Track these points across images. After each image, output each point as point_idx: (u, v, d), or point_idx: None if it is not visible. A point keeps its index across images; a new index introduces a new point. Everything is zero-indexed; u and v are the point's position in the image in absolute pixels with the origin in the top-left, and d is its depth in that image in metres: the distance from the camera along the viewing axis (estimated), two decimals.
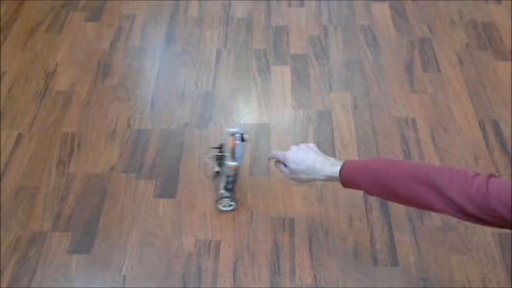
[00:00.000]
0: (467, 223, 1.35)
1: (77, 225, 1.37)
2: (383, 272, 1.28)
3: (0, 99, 1.67)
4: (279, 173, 1.46)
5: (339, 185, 1.38)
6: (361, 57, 1.80)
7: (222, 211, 1.38)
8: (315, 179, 1.17)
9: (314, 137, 1.56)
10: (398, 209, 1.39)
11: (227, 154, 1.31)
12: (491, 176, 0.87)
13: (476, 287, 1.25)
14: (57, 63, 1.79)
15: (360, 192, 1.41)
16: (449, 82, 1.72)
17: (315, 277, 1.27)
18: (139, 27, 1.91)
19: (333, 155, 1.51)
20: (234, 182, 1.35)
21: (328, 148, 1.52)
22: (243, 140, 1.35)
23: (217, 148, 1.38)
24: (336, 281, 1.26)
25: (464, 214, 0.87)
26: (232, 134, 1.33)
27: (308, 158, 1.16)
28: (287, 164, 1.20)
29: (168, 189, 1.44)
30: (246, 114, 1.64)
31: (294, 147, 1.21)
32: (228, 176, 1.33)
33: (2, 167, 1.49)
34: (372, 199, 1.41)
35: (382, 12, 1.96)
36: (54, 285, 1.26)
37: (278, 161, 1.26)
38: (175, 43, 1.86)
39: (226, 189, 1.35)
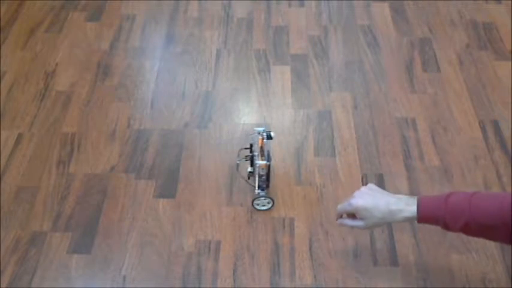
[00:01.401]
0: None
1: (77, 225, 1.37)
2: (383, 272, 1.28)
3: (0, 99, 1.67)
4: (279, 173, 1.47)
5: (338, 185, 1.38)
6: (361, 57, 1.80)
7: (258, 210, 1.38)
8: (392, 222, 1.12)
9: (314, 137, 1.56)
10: None
11: (257, 153, 1.32)
12: None
13: (476, 287, 1.25)
14: (57, 63, 1.79)
15: None
16: (449, 82, 1.72)
17: (315, 277, 1.27)
18: (139, 27, 1.92)
19: (333, 155, 1.51)
20: (267, 181, 1.35)
21: (328, 148, 1.52)
22: (270, 138, 1.35)
23: (247, 149, 1.39)
24: (336, 281, 1.26)
25: None
26: (259, 133, 1.34)
27: (379, 202, 1.08)
28: (359, 215, 1.12)
29: (168, 189, 1.44)
30: (246, 114, 1.64)
31: (357, 193, 1.13)
32: (260, 175, 1.33)
33: (2, 167, 1.49)
34: None
35: (382, 12, 1.96)
36: (54, 285, 1.26)
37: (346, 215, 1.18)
38: (175, 43, 1.86)
39: (260, 188, 1.35)
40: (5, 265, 1.29)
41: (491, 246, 1.32)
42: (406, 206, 1.05)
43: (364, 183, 1.44)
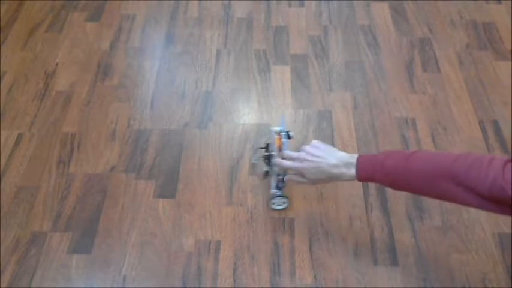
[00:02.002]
0: (467, 223, 1.36)
1: (77, 225, 1.37)
2: (383, 272, 1.28)
3: (0, 99, 1.67)
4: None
5: (338, 185, 1.38)
6: (361, 57, 1.80)
7: (274, 210, 1.39)
8: (338, 181, 1.16)
9: (314, 137, 1.56)
10: (398, 209, 1.39)
11: (275, 153, 1.32)
12: (507, 161, 0.85)
13: (476, 287, 1.25)
14: (57, 63, 1.79)
15: (360, 192, 1.43)
16: (449, 82, 1.72)
17: (315, 277, 1.27)
18: (139, 27, 1.92)
19: None
20: (284, 181, 1.35)
21: None
22: (289, 137, 1.35)
23: (264, 148, 1.39)
24: (336, 281, 1.26)
25: (490, 204, 0.87)
26: (278, 133, 1.34)
27: (321, 165, 1.13)
28: (306, 177, 1.18)
29: (168, 189, 1.44)
30: (246, 114, 1.64)
31: (301, 155, 1.18)
32: (278, 175, 1.33)
33: (2, 167, 1.49)
34: (372, 199, 1.41)
35: (382, 12, 1.96)
36: (54, 285, 1.26)
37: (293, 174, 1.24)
38: (175, 43, 1.86)
39: (277, 188, 1.35)
40: (5, 265, 1.29)
41: (491, 246, 1.32)
42: (346, 169, 1.10)
43: (364, 183, 1.44)
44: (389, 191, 1.42)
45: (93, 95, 1.68)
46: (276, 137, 1.34)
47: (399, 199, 1.41)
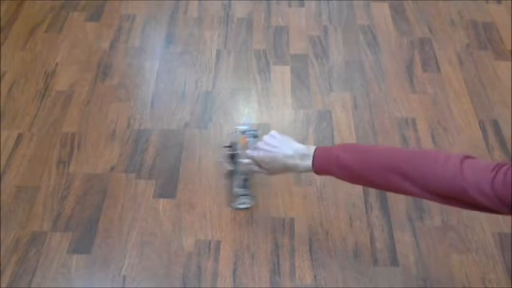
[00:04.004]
0: (467, 223, 1.36)
1: (77, 225, 1.37)
2: (383, 272, 1.28)
3: (0, 99, 1.67)
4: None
5: (338, 185, 1.38)
6: (361, 57, 1.80)
7: (237, 209, 1.38)
8: (294, 172, 1.17)
9: (314, 137, 1.56)
10: (399, 209, 1.39)
11: (239, 152, 1.32)
12: (465, 158, 0.85)
13: (476, 287, 1.25)
14: (57, 63, 1.79)
15: (360, 192, 1.43)
16: (449, 82, 1.72)
17: (315, 277, 1.27)
18: (139, 27, 1.92)
19: None
20: (249, 180, 1.35)
21: None
22: (255, 136, 1.34)
23: (228, 147, 1.39)
24: (336, 281, 1.26)
25: (443, 200, 0.87)
26: (243, 132, 1.34)
27: (276, 156, 1.14)
28: (262, 166, 1.20)
29: (168, 189, 1.44)
30: (246, 114, 1.64)
31: (258, 144, 1.19)
32: (241, 174, 1.33)
33: (2, 167, 1.49)
34: (372, 199, 1.41)
35: (382, 12, 1.96)
36: (54, 285, 1.26)
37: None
38: (175, 43, 1.86)
39: (241, 187, 1.36)
40: (5, 265, 1.29)
41: (491, 246, 1.32)
42: (301, 161, 1.10)
43: None
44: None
45: (93, 95, 1.68)
46: (241, 136, 1.33)
47: (399, 199, 1.41)
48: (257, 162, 1.21)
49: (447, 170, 0.85)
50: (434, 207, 1.39)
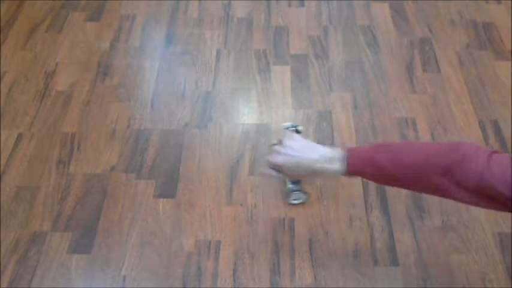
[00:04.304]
0: (467, 223, 1.36)
1: (77, 225, 1.37)
2: (383, 272, 1.28)
3: (0, 99, 1.67)
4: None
5: (338, 185, 1.38)
6: (361, 57, 1.80)
7: (292, 205, 1.39)
8: (321, 177, 1.10)
9: (314, 137, 1.56)
10: (399, 209, 1.39)
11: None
12: (491, 153, 0.84)
13: (476, 287, 1.25)
14: (57, 63, 1.79)
15: (360, 192, 1.42)
16: (449, 82, 1.72)
17: (315, 277, 1.27)
18: (139, 27, 1.92)
19: None
20: None
21: None
22: (298, 132, 1.34)
23: (276, 144, 1.39)
24: (336, 281, 1.26)
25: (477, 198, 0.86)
26: (287, 128, 1.34)
27: (301, 161, 1.05)
28: (283, 172, 1.10)
29: (168, 189, 1.44)
30: (246, 114, 1.64)
31: (277, 148, 1.10)
32: None
33: (2, 167, 1.49)
34: (372, 199, 1.41)
35: (382, 12, 1.96)
36: (54, 285, 1.26)
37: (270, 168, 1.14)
38: (175, 43, 1.86)
39: (293, 183, 1.36)
40: (5, 265, 1.29)
41: (491, 246, 1.32)
42: (330, 165, 1.02)
43: (364, 183, 1.44)
44: (390, 191, 1.42)
45: (93, 95, 1.68)
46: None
47: (399, 199, 1.41)
48: (277, 168, 1.10)
49: (477, 165, 0.83)
50: (434, 207, 1.39)
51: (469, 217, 1.37)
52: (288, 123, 1.36)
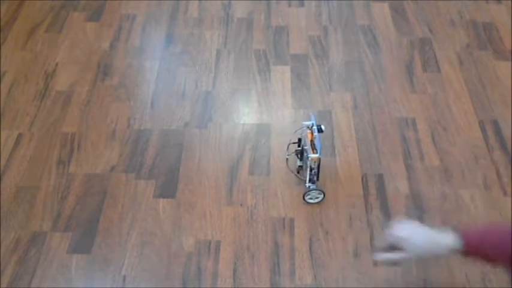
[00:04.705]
0: (467, 223, 1.35)
1: (77, 225, 1.37)
2: (383, 272, 1.28)
3: (0, 99, 1.67)
4: (279, 173, 1.47)
5: (339, 185, 1.38)
6: (361, 57, 1.80)
7: (310, 203, 1.39)
8: (436, 253, 1.06)
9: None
10: (398, 209, 1.39)
11: (307, 147, 1.33)
12: None
13: (476, 287, 1.25)
14: (57, 63, 1.79)
15: (360, 192, 1.42)
16: (449, 82, 1.72)
17: (315, 277, 1.27)
18: (139, 27, 1.91)
19: (333, 155, 1.51)
20: (317, 174, 1.35)
21: (328, 148, 1.52)
22: (320, 131, 1.35)
23: (296, 143, 1.41)
24: (336, 281, 1.26)
25: None
26: (309, 127, 1.35)
27: (419, 231, 1.06)
28: (406, 247, 1.05)
29: (168, 189, 1.44)
30: (246, 114, 1.64)
31: (396, 225, 1.08)
32: (311, 169, 1.34)
33: (2, 167, 1.49)
34: (372, 199, 1.41)
35: (382, 12, 1.96)
36: (54, 285, 1.26)
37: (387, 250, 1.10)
38: (175, 43, 1.86)
39: (311, 182, 1.36)
40: (5, 265, 1.29)
41: None
42: (447, 235, 1.01)
43: (364, 183, 1.44)
44: (390, 190, 1.42)
45: (93, 95, 1.68)
46: (308, 131, 1.35)
47: (399, 199, 1.41)
48: (400, 243, 1.06)
49: None
50: (434, 207, 1.39)
51: (469, 217, 1.37)
52: (309, 122, 1.36)
